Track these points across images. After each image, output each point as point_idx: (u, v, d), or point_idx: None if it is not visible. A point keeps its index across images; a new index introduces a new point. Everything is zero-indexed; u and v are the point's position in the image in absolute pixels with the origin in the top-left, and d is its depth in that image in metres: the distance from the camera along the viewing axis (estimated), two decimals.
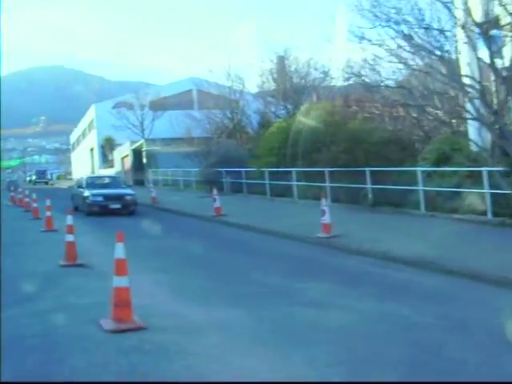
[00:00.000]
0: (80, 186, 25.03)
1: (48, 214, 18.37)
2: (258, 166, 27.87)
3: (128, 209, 23.19)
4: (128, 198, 23.63)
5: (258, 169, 27.56)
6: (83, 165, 78.48)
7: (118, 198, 23.47)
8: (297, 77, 40.97)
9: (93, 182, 25.75)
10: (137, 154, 47.59)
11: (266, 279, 10.20)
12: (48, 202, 18.77)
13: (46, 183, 72.73)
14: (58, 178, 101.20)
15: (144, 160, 46.48)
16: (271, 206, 24.32)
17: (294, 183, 24.47)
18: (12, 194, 32.32)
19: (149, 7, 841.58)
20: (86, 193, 23.37)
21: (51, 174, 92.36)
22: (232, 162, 31.04)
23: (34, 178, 76.35)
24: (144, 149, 43.87)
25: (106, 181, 27.25)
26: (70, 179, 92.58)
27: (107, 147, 62.86)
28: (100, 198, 22.96)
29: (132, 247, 11.07)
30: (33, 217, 22.22)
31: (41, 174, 78.50)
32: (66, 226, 11.86)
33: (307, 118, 27.39)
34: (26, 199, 27.01)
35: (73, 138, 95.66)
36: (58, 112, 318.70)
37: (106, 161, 64.41)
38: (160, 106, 56.46)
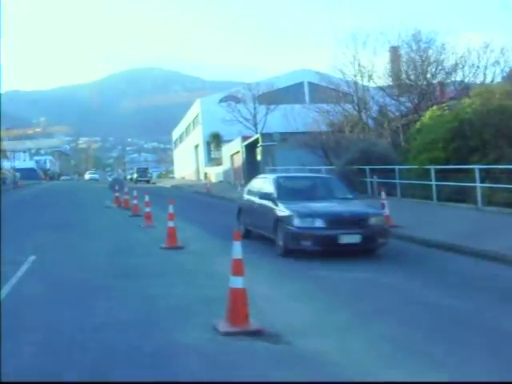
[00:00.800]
0: (265, 196, 13.33)
1: (170, 224, 13.59)
2: (418, 163, 22.06)
3: (373, 244, 12.00)
4: (373, 221, 11.98)
5: (420, 166, 21.75)
6: (187, 163, 74.79)
7: (355, 220, 11.87)
8: (427, 65, 34.78)
9: (290, 187, 13.87)
10: (250, 150, 42.71)
11: None
12: (171, 209, 14.06)
13: (148, 182, 69.31)
14: (159, 176, 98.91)
15: (258, 157, 41.51)
16: (449, 214, 18.27)
17: (478, 185, 18.41)
18: (117, 194, 27.77)
19: (247, 5, 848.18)
20: (284, 210, 12.20)
21: (151, 172, 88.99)
22: (375, 159, 25.51)
23: (135, 176, 72.85)
24: (260, 144, 38.80)
25: (312, 184, 14.76)
26: (172, 178, 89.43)
27: (213, 143, 58.38)
28: (319, 223, 11.55)
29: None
30: (145, 224, 17.55)
31: (142, 172, 74.76)
32: (232, 260, 6.63)
33: (484, 104, 21.58)
34: (135, 201, 22.41)
35: (175, 135, 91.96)
36: (156, 112, 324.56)
37: (212, 158, 60.06)
38: (271, 99, 51.63)
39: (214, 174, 54.55)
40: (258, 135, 40.11)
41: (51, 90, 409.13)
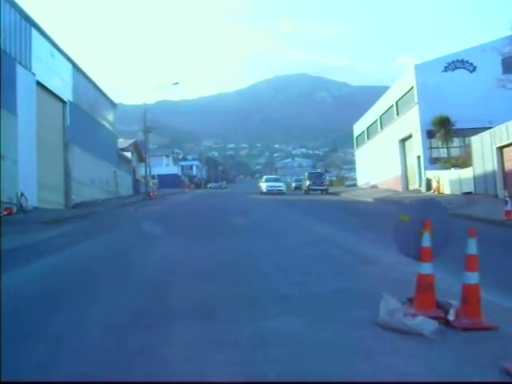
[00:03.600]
0: None
1: None
2: None
3: None
4: None
5: None
6: (382, 165, 52.22)
7: None
8: None
9: None
10: None
11: None
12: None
13: (325, 192, 49.75)
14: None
15: None
16: None
17: None
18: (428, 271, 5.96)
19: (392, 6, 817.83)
20: None
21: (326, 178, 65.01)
22: None
23: (307, 183, 52.22)
24: None
25: None
26: (352, 185, 68.78)
27: (440, 134, 37.35)
28: None
29: None
30: None
31: (316, 178, 53.63)
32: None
33: None
34: None
35: (357, 129, 68.41)
36: (302, 118, 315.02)
37: (435, 158, 39.12)
38: None
39: (450, 180, 33.75)
40: None
41: (198, 98, 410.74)
